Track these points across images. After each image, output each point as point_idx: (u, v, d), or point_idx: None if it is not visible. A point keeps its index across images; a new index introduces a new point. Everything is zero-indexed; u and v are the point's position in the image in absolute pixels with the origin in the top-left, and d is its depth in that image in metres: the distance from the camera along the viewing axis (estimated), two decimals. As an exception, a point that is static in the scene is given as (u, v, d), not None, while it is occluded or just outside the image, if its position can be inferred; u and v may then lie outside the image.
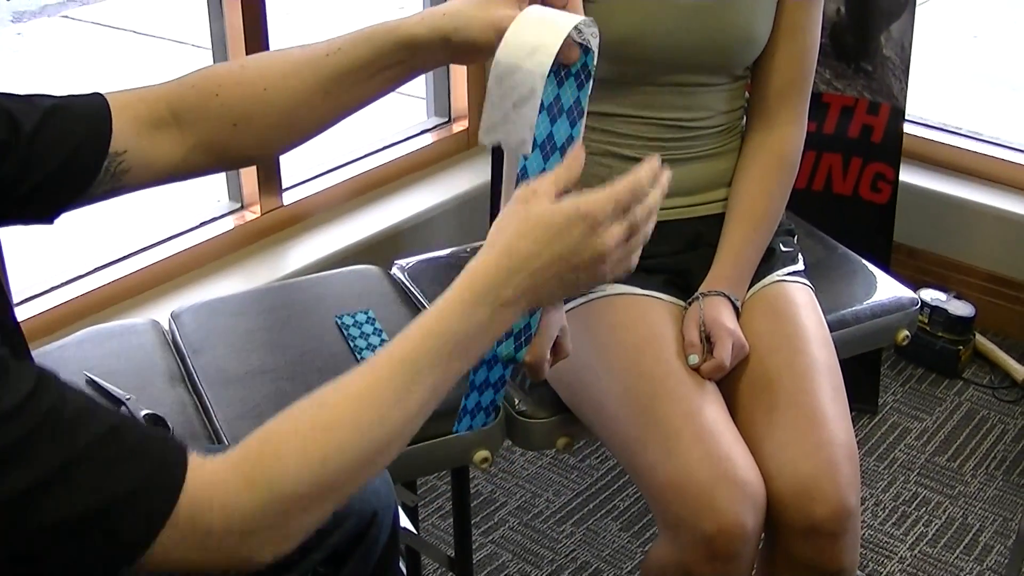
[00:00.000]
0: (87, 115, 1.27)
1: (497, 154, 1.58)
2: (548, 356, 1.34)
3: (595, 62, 1.25)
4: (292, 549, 1.06)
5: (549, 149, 1.24)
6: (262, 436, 1.05)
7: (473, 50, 1.26)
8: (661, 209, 1.83)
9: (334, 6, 6.30)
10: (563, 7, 1.24)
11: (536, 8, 1.22)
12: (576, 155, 1.19)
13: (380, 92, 1.32)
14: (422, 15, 1.27)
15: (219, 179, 2.80)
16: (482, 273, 1.12)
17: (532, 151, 1.22)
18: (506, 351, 1.35)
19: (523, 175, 1.23)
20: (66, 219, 1.34)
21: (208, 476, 1.01)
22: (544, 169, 1.22)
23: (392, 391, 1.07)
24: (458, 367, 1.11)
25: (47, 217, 1.29)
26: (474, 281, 1.11)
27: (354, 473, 1.06)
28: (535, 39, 1.17)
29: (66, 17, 6.13)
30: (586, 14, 1.68)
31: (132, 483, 0.98)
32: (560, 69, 1.23)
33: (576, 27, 1.19)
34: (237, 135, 1.32)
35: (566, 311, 1.69)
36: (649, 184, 1.18)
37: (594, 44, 1.23)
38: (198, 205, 2.90)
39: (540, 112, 1.20)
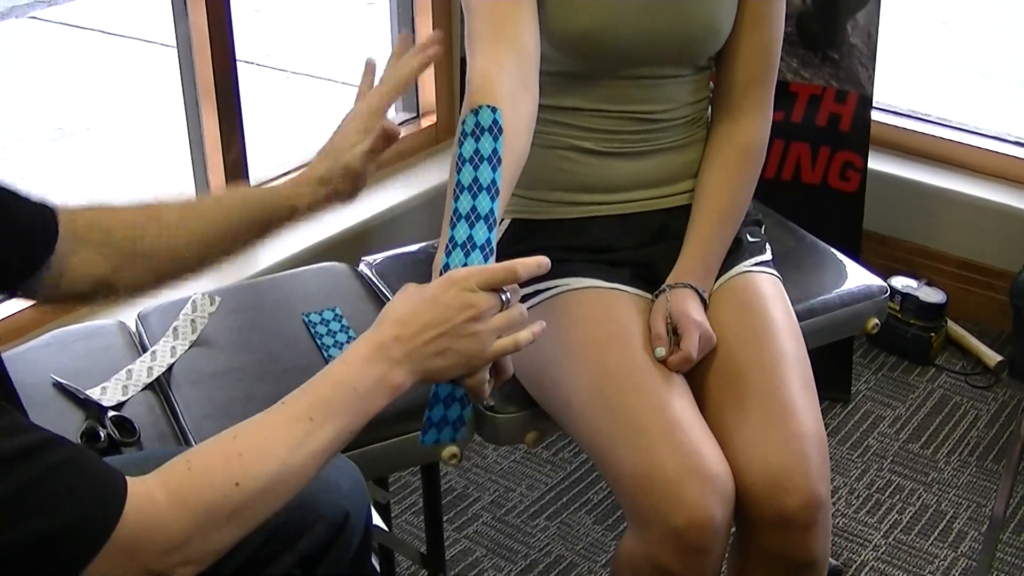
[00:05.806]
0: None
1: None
2: (488, 378, 1.35)
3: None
4: (207, 567, 1.17)
5: (469, 247, 1.40)
6: (186, 459, 1.17)
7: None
8: (627, 202, 1.86)
9: (302, 4, 6.28)
10: None
11: None
12: (509, 265, 1.32)
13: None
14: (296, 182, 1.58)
15: (185, 177, 2.78)
16: (375, 335, 1.27)
17: (454, 250, 1.40)
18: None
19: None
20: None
21: (143, 503, 1.11)
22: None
23: (302, 430, 1.20)
24: (359, 416, 1.25)
25: None
26: (369, 341, 1.26)
27: (263, 498, 1.18)
28: None
29: (34, 18, 6.10)
30: (547, 9, 1.70)
31: (75, 516, 1.07)
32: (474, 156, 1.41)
33: None
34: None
35: (529, 307, 1.69)
36: (524, 275, 1.32)
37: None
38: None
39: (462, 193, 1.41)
